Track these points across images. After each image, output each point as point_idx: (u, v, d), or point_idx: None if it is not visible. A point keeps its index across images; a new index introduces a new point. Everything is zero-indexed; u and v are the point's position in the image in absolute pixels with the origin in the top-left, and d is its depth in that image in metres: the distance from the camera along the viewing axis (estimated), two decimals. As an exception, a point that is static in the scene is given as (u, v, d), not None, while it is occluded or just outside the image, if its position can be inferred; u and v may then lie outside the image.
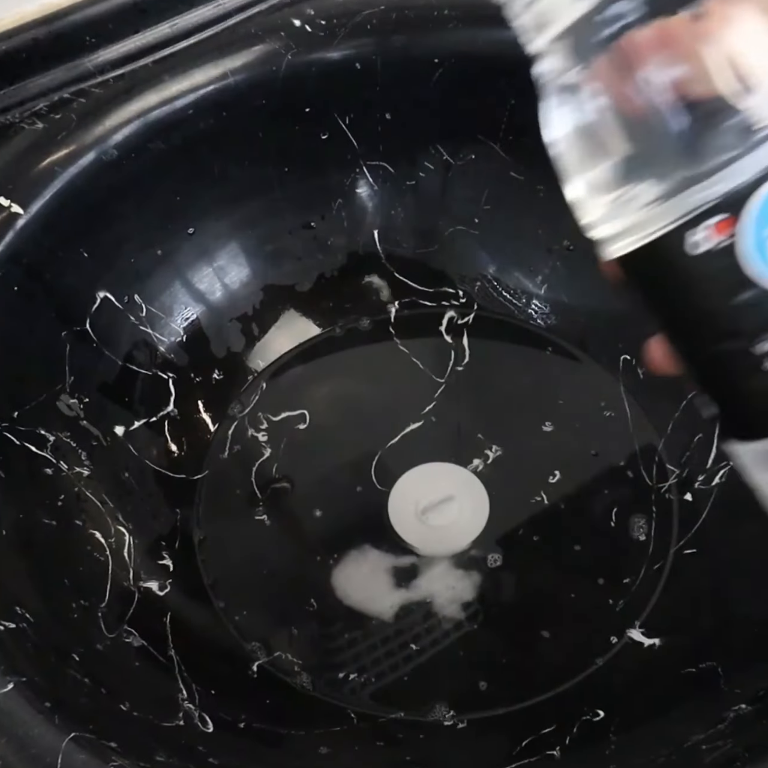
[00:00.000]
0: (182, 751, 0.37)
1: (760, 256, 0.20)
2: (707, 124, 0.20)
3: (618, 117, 0.21)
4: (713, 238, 0.20)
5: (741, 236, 0.20)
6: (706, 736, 0.36)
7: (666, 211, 0.21)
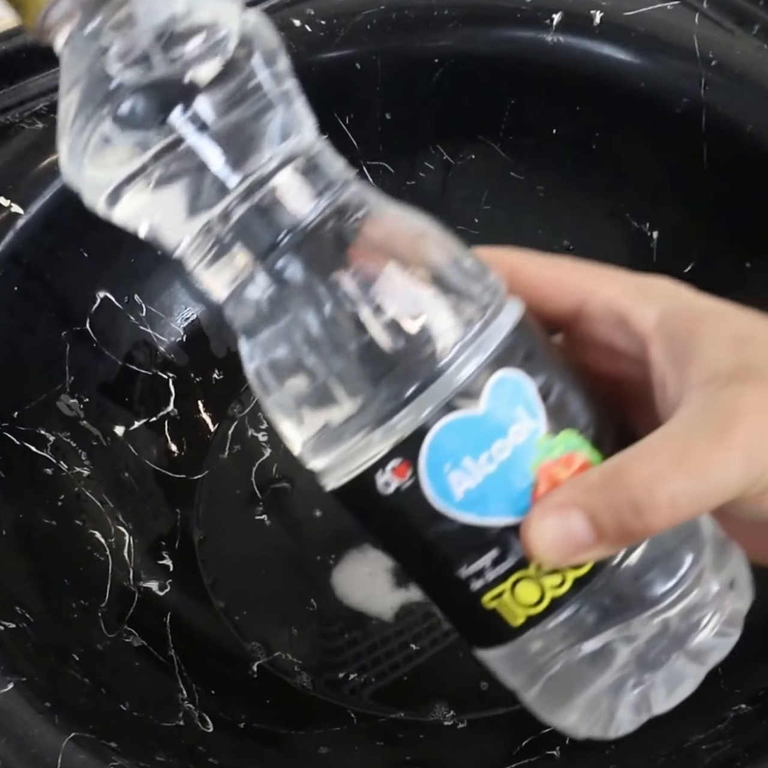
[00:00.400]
0: (182, 751, 0.37)
1: (442, 494, 0.22)
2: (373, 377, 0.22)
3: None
4: (397, 479, 0.22)
5: (421, 477, 0.22)
6: (706, 736, 0.36)
7: (354, 456, 0.23)
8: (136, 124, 0.22)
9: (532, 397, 0.23)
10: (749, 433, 0.21)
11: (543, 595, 0.23)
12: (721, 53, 0.45)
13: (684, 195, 0.49)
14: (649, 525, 0.21)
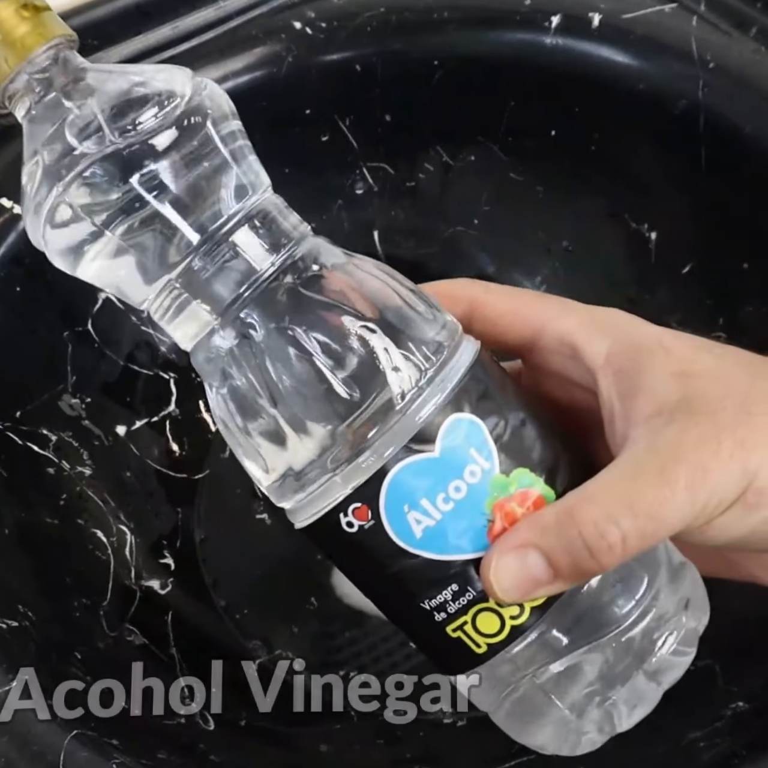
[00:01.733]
0: (183, 749, 0.37)
1: (402, 534, 0.23)
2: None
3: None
4: (359, 520, 0.23)
5: (382, 518, 0.23)
6: (703, 734, 0.36)
7: (317, 499, 0.24)
8: (95, 191, 0.24)
9: (484, 439, 0.24)
10: (691, 471, 0.23)
11: (503, 625, 0.24)
12: (718, 55, 0.45)
13: (682, 196, 0.49)
14: (602, 564, 0.23)
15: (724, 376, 0.25)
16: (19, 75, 0.25)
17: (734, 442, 0.23)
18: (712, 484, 0.23)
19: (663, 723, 0.38)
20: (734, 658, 0.39)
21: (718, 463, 0.23)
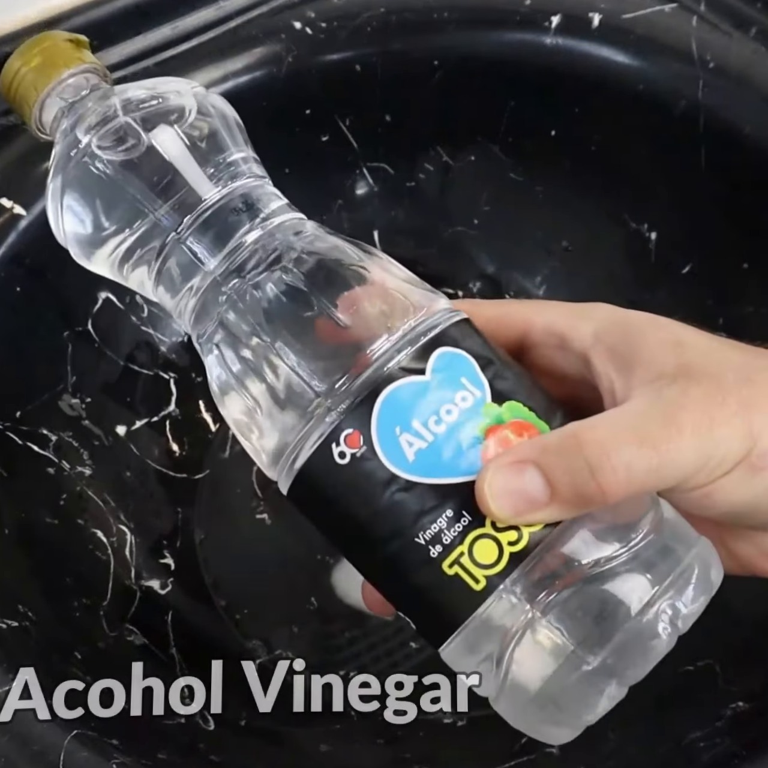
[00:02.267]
0: (183, 748, 0.37)
1: (394, 458, 0.23)
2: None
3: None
4: (352, 448, 0.23)
5: (374, 443, 0.23)
6: (704, 734, 0.36)
7: (310, 433, 0.24)
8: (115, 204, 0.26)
9: (475, 372, 0.24)
10: (697, 419, 0.22)
11: (501, 553, 0.23)
12: (718, 55, 0.45)
13: (682, 196, 0.49)
14: (604, 489, 0.22)
15: (718, 349, 0.25)
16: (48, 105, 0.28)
17: (738, 401, 0.23)
18: (718, 436, 0.22)
19: (663, 723, 0.38)
20: (734, 658, 0.39)
21: (722, 417, 0.22)
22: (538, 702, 0.24)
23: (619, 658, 0.23)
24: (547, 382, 0.28)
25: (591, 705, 0.24)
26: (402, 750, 0.42)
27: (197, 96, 0.27)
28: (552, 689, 0.24)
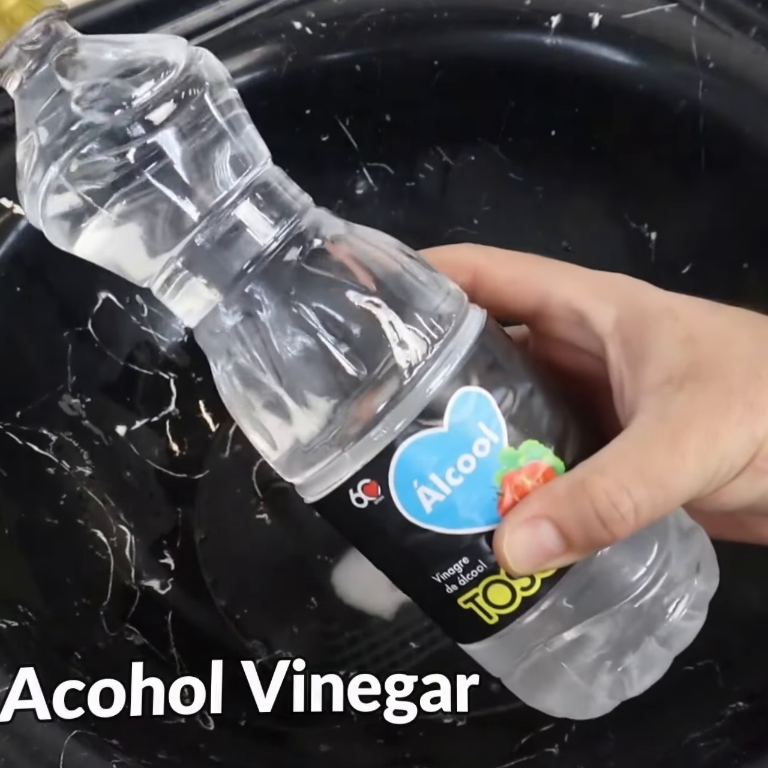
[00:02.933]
0: (183, 748, 0.37)
1: (412, 509, 0.23)
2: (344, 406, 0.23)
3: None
4: (369, 496, 0.23)
5: (392, 494, 0.23)
6: (703, 734, 0.36)
7: (326, 475, 0.24)
8: (93, 168, 0.23)
9: (493, 412, 0.24)
10: (701, 438, 0.23)
11: (514, 596, 0.24)
12: (718, 55, 0.45)
13: (682, 196, 0.49)
14: (615, 534, 0.23)
15: (731, 340, 0.25)
16: (10, 48, 0.25)
17: (744, 406, 0.23)
18: (722, 450, 0.23)
19: (663, 723, 0.38)
20: (734, 658, 0.39)
21: (727, 429, 0.23)
22: (542, 696, 0.26)
23: (624, 686, 0.25)
24: (559, 352, 0.28)
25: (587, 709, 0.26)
26: (402, 750, 0.42)
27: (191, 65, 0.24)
28: (554, 696, 0.26)
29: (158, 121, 0.23)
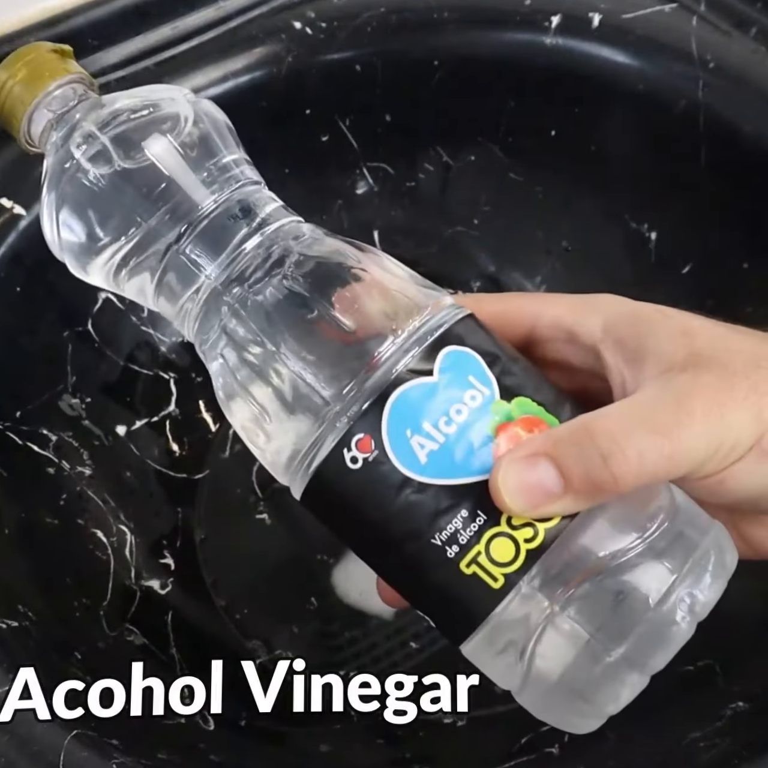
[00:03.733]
0: (183, 748, 0.37)
1: (406, 460, 0.23)
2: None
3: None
4: (363, 453, 0.23)
5: (385, 447, 0.23)
6: (703, 734, 0.36)
7: (322, 440, 0.24)
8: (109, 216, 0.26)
9: (482, 369, 0.24)
10: (707, 405, 0.22)
11: (518, 550, 0.23)
12: (718, 55, 0.45)
13: (682, 196, 0.49)
14: (616, 476, 0.22)
15: (727, 336, 0.25)
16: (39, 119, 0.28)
17: (748, 386, 0.23)
18: (729, 420, 0.22)
19: (663, 723, 0.38)
20: (734, 658, 0.39)
21: (733, 402, 0.23)
22: (561, 693, 0.24)
23: (639, 648, 0.23)
24: (556, 376, 0.28)
25: (614, 695, 0.24)
26: (402, 750, 0.42)
27: (190, 102, 0.27)
28: (575, 680, 0.24)
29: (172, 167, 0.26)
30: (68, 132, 0.27)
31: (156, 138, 0.26)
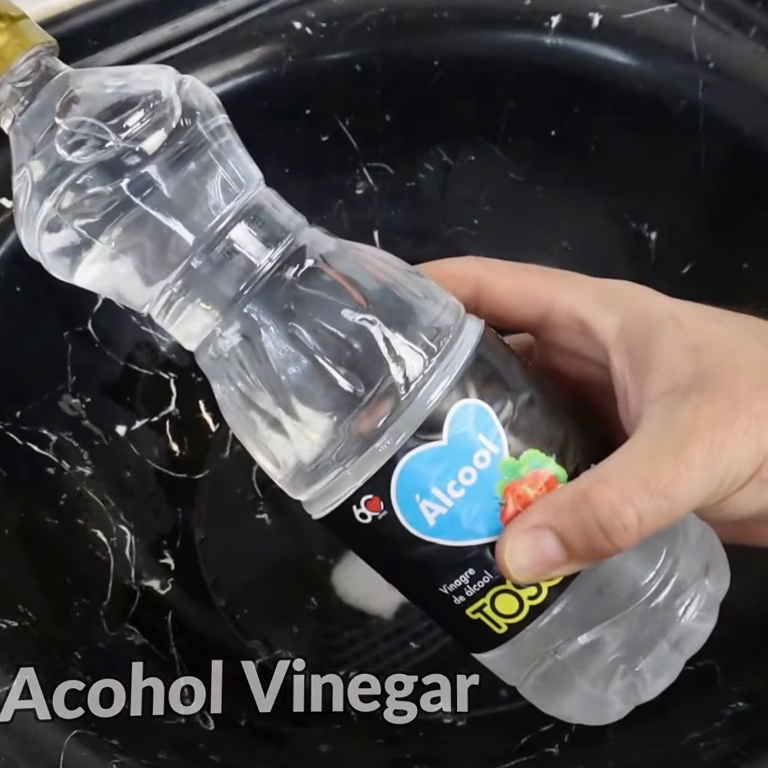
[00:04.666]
0: (183, 748, 0.37)
1: (415, 523, 0.24)
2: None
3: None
4: (372, 511, 0.24)
5: (395, 508, 0.24)
6: (703, 734, 0.36)
7: (330, 492, 0.24)
8: (87, 200, 0.24)
9: (492, 423, 0.24)
10: (707, 448, 0.23)
11: (522, 606, 0.24)
12: (718, 55, 0.45)
13: (682, 196, 0.49)
14: (617, 545, 0.23)
15: (736, 349, 0.25)
16: (2, 86, 0.25)
17: (749, 417, 0.23)
18: (728, 461, 0.23)
19: (663, 723, 0.38)
20: (734, 658, 0.39)
21: (733, 439, 0.23)
22: (557, 703, 0.26)
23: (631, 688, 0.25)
24: (566, 361, 0.28)
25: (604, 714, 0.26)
26: (402, 750, 0.42)
27: (181, 94, 0.25)
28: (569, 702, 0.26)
29: (150, 151, 0.24)
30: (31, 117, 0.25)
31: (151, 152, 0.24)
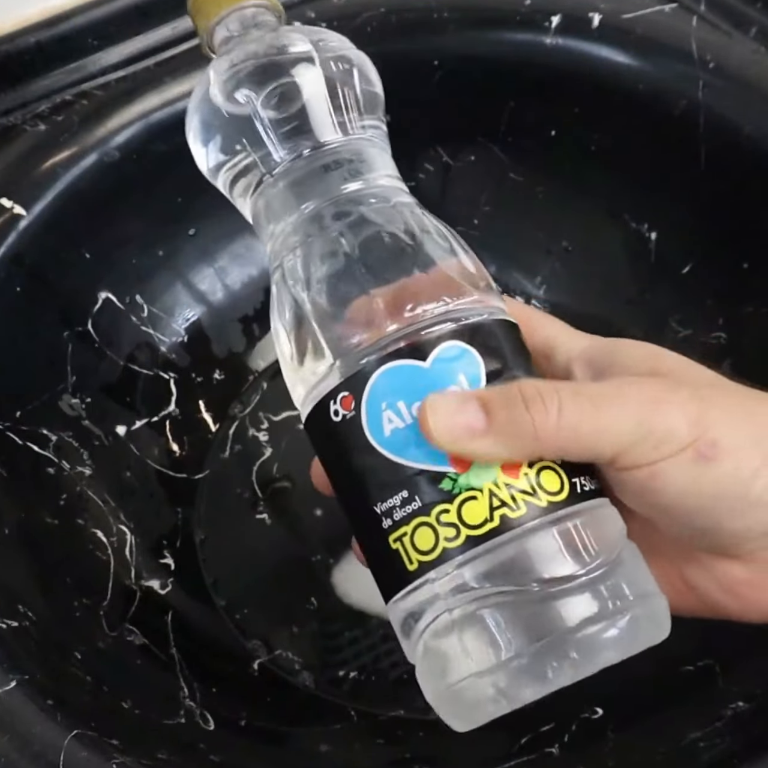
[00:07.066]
0: (183, 748, 0.37)
1: (373, 428, 0.25)
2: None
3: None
4: (344, 409, 0.25)
5: (361, 410, 0.25)
6: (703, 734, 0.36)
7: (319, 386, 0.26)
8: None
9: (477, 374, 0.25)
10: (644, 397, 0.24)
11: (437, 544, 0.24)
12: (718, 55, 0.45)
13: (682, 196, 0.49)
14: (536, 423, 0.23)
15: (693, 366, 0.26)
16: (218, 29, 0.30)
17: (692, 395, 0.24)
18: (663, 412, 0.23)
19: (663, 723, 0.38)
20: (734, 658, 0.39)
21: (672, 401, 0.23)
22: (443, 693, 0.25)
23: (518, 674, 0.24)
24: None
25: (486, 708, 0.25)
26: (402, 750, 0.42)
27: (360, 56, 0.30)
28: (448, 690, 0.25)
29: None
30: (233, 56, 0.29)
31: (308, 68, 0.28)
